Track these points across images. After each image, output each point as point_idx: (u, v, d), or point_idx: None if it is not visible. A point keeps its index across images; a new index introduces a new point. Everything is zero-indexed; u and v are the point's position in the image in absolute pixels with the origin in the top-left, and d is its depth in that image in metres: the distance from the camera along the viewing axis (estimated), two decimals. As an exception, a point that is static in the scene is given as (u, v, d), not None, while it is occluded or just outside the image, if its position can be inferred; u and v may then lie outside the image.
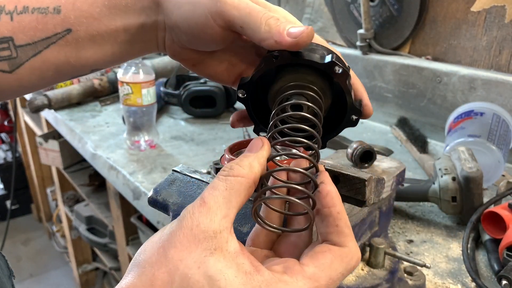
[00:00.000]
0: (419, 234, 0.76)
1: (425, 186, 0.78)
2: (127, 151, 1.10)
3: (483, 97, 1.02)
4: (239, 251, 0.30)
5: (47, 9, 0.44)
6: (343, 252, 0.32)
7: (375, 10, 1.22)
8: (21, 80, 0.47)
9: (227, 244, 0.30)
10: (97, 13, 0.44)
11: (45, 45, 0.45)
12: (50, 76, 0.48)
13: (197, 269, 0.29)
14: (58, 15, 0.44)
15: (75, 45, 0.45)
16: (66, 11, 0.44)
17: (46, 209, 2.83)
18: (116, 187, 1.07)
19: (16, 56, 0.45)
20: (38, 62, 0.46)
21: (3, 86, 0.47)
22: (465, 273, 0.65)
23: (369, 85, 1.28)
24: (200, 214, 0.30)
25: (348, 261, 0.32)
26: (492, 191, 0.86)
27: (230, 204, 0.31)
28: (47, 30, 0.44)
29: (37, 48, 0.45)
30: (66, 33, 0.45)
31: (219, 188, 0.31)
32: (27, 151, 2.63)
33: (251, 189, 0.33)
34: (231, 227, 0.31)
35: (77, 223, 1.92)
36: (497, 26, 1.01)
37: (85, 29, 0.44)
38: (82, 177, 1.84)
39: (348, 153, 0.51)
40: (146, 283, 0.29)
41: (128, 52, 0.48)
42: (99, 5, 0.44)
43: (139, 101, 1.06)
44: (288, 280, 0.29)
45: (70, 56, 0.46)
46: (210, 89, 1.28)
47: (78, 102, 1.45)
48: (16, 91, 0.49)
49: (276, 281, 0.29)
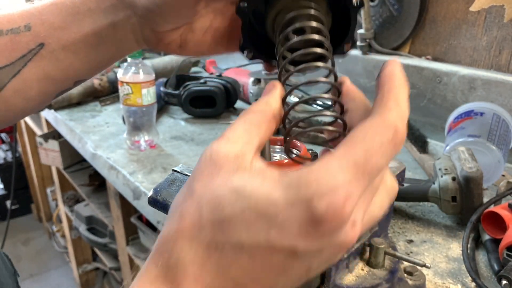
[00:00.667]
0: (419, 234, 0.76)
1: (425, 186, 0.78)
2: (127, 151, 1.10)
3: (483, 97, 1.02)
4: (265, 167, 0.27)
5: (18, 28, 0.45)
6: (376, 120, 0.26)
7: (375, 10, 1.22)
8: (6, 102, 0.47)
9: (252, 164, 0.27)
10: (63, 22, 0.44)
11: (23, 64, 0.45)
12: (35, 95, 0.48)
13: (222, 187, 0.26)
14: (29, 32, 0.45)
15: (51, 58, 0.46)
16: (35, 26, 0.45)
17: (46, 209, 2.83)
18: (116, 187, 1.07)
19: None
20: (19, 82, 0.46)
21: None
22: (465, 273, 0.65)
23: (369, 85, 1.28)
24: (219, 144, 0.28)
25: (385, 127, 0.26)
26: (492, 191, 0.86)
27: (251, 134, 0.29)
28: (21, 48, 0.45)
29: (15, 68, 0.45)
30: (40, 48, 0.45)
31: (238, 123, 0.29)
32: (27, 151, 2.63)
33: (271, 124, 0.31)
34: (255, 152, 0.28)
35: (77, 223, 1.92)
36: (497, 26, 1.01)
37: (56, 40, 0.45)
38: (82, 177, 1.84)
39: (348, 153, 0.51)
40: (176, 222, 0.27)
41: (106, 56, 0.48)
42: (64, 14, 0.44)
43: (139, 101, 1.06)
44: (319, 168, 0.25)
45: (49, 71, 0.46)
46: (210, 89, 1.28)
47: (78, 102, 1.45)
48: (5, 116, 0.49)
49: (306, 173, 0.25)
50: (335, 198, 0.24)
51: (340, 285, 0.52)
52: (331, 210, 0.24)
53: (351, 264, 0.55)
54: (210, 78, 1.35)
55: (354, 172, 0.24)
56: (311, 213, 0.24)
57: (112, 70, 1.54)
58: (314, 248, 0.25)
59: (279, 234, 0.25)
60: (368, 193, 0.26)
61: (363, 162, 0.25)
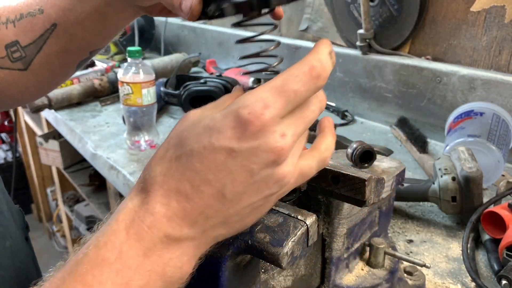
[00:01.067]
0: (419, 234, 0.76)
1: (425, 186, 0.78)
2: (127, 151, 1.10)
3: (483, 97, 1.02)
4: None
5: (34, 12, 0.53)
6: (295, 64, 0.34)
7: (375, 10, 1.22)
8: (36, 74, 0.57)
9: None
10: (69, 4, 0.52)
11: (42, 41, 0.54)
12: (58, 67, 0.58)
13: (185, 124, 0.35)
14: (43, 14, 0.53)
15: (64, 34, 0.53)
16: (47, 9, 0.53)
17: (46, 209, 2.83)
18: (116, 187, 1.07)
19: (25, 55, 0.55)
20: (43, 57, 0.55)
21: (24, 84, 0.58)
22: (465, 273, 0.66)
23: (369, 85, 1.28)
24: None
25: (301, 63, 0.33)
26: (492, 191, 0.86)
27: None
28: (39, 29, 0.53)
29: (38, 45, 0.54)
30: (53, 28, 0.53)
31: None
32: (27, 151, 2.63)
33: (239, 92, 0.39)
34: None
35: (77, 223, 1.92)
36: (497, 26, 1.01)
37: (66, 20, 0.52)
38: (82, 177, 1.85)
39: (348, 153, 0.51)
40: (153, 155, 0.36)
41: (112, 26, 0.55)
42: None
43: (139, 101, 1.06)
44: (246, 93, 0.33)
45: (65, 45, 0.55)
46: (210, 89, 1.28)
47: (78, 102, 1.45)
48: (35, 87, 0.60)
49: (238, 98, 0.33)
50: (255, 106, 0.32)
51: (340, 285, 0.52)
52: (252, 114, 0.31)
53: (351, 264, 0.55)
54: (210, 78, 1.35)
55: (272, 91, 0.32)
56: (238, 119, 0.32)
57: (112, 70, 1.54)
58: (247, 146, 0.32)
59: (217, 137, 0.32)
60: (294, 118, 0.34)
61: (279, 84, 0.32)
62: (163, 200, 0.33)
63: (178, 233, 0.33)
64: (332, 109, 1.36)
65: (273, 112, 0.32)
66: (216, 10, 0.36)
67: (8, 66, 0.56)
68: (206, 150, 0.32)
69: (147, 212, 0.33)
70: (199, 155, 0.33)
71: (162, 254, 0.33)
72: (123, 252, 0.32)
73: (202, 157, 0.32)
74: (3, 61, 0.55)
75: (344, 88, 1.35)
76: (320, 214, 0.49)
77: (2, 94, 0.58)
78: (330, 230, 0.50)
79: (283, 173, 0.33)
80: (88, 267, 0.31)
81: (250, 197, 0.34)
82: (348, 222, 0.50)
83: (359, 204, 0.44)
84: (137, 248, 0.32)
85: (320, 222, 0.49)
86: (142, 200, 0.34)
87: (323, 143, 0.38)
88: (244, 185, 0.33)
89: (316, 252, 0.51)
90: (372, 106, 1.29)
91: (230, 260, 0.39)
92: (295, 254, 0.38)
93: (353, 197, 0.44)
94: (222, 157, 0.32)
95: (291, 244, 0.37)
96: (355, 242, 0.54)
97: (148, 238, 0.33)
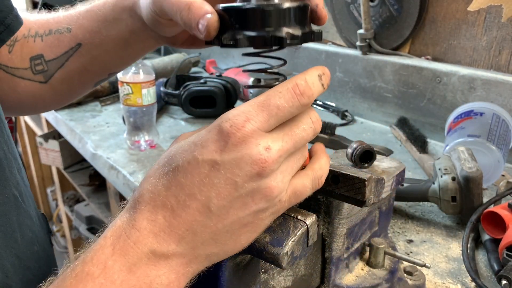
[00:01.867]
0: (419, 234, 0.76)
1: (425, 186, 0.78)
2: (127, 151, 1.10)
3: (483, 97, 1.02)
4: None
5: (62, 29, 0.56)
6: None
7: (375, 10, 1.22)
8: (54, 89, 0.59)
9: None
10: (95, 27, 0.54)
11: (66, 58, 0.57)
12: (76, 84, 0.60)
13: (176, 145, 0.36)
14: (70, 33, 0.56)
15: (87, 55, 0.56)
16: (75, 29, 0.56)
17: (46, 209, 2.83)
18: (116, 187, 1.08)
19: (47, 69, 0.58)
20: (64, 72, 0.58)
21: (42, 96, 0.60)
22: (465, 273, 0.66)
23: (369, 85, 1.28)
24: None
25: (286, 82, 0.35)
26: (492, 191, 0.86)
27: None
28: (64, 46, 0.56)
29: (60, 61, 0.57)
30: (78, 47, 0.56)
31: None
32: (27, 151, 2.63)
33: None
34: None
35: (77, 223, 1.92)
36: (497, 26, 1.01)
37: (91, 41, 0.55)
38: (82, 177, 1.85)
39: (348, 153, 0.51)
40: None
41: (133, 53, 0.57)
42: (95, 21, 0.54)
43: (139, 101, 1.06)
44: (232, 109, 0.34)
45: (86, 65, 0.57)
46: (210, 89, 1.28)
47: (78, 102, 1.45)
48: (52, 99, 0.62)
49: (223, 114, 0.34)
50: (236, 119, 0.33)
51: (340, 284, 0.52)
52: (234, 127, 0.32)
53: (351, 264, 0.55)
54: (210, 78, 1.35)
55: (255, 106, 0.33)
56: (220, 132, 0.33)
57: (112, 70, 1.54)
58: (229, 158, 0.32)
59: (201, 151, 0.33)
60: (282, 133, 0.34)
61: (263, 100, 0.34)
62: (150, 216, 0.33)
63: (164, 248, 0.33)
64: (332, 109, 1.36)
65: (255, 124, 0.33)
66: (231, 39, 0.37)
67: (30, 77, 0.58)
68: (190, 164, 0.33)
69: (133, 228, 0.33)
70: (184, 170, 0.33)
71: (149, 271, 0.33)
72: (107, 267, 0.32)
73: (187, 172, 0.33)
74: (25, 72, 0.58)
75: (344, 88, 1.35)
76: (320, 214, 0.49)
77: (20, 102, 0.60)
78: (330, 230, 0.50)
79: (269, 187, 0.33)
80: (73, 281, 0.31)
81: (237, 211, 0.33)
82: (348, 222, 0.50)
83: (359, 204, 0.44)
84: (121, 263, 0.32)
85: (320, 222, 0.49)
86: (130, 217, 0.34)
87: (317, 163, 0.39)
88: (229, 198, 0.33)
89: (316, 252, 0.51)
90: (372, 106, 1.29)
91: (230, 260, 0.39)
92: (295, 254, 0.38)
93: (353, 197, 0.44)
94: (206, 170, 0.33)
95: (291, 244, 0.37)
96: (355, 242, 0.54)
97: (133, 253, 0.33)
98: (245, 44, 0.37)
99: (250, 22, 0.37)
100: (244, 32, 0.37)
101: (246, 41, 0.37)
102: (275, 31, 0.36)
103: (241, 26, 0.37)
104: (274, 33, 0.36)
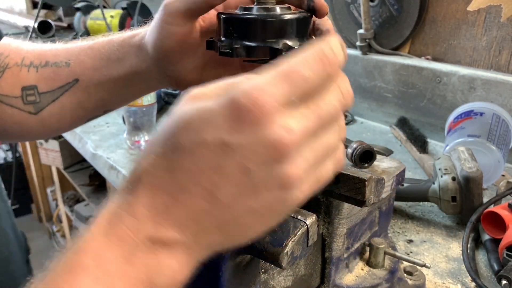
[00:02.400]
0: (419, 234, 0.76)
1: (425, 186, 0.78)
2: (127, 151, 1.10)
3: (483, 97, 1.02)
4: None
5: (61, 63, 0.54)
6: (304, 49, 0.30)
7: (375, 10, 1.22)
8: (43, 121, 0.57)
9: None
10: (96, 65, 0.53)
11: (61, 93, 0.55)
12: (68, 119, 0.58)
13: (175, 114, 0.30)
14: (68, 68, 0.54)
15: (84, 91, 0.54)
16: (74, 64, 0.54)
17: (46, 209, 2.83)
18: (116, 187, 1.07)
19: (39, 101, 0.55)
20: (56, 107, 0.56)
21: (29, 126, 0.57)
22: (465, 273, 0.66)
23: (369, 85, 1.28)
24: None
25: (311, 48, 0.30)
26: (492, 191, 0.86)
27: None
28: (61, 80, 0.54)
29: (54, 95, 0.55)
30: (75, 82, 0.54)
31: None
32: (27, 151, 2.63)
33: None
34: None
35: (77, 223, 1.92)
36: (497, 26, 1.01)
37: (89, 78, 0.53)
38: (82, 177, 1.85)
39: (348, 153, 0.51)
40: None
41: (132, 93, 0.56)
42: (97, 58, 0.53)
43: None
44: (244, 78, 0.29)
45: (82, 101, 0.55)
46: (210, 89, 1.28)
47: (78, 102, 1.45)
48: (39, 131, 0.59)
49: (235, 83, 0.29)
50: (254, 91, 0.27)
51: (340, 284, 0.52)
52: (251, 101, 0.26)
53: (351, 264, 0.55)
54: (210, 78, 1.35)
55: (274, 76, 0.27)
56: (233, 107, 0.27)
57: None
58: (242, 139, 0.27)
59: (209, 130, 0.28)
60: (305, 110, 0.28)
61: (285, 69, 0.28)
62: (148, 202, 0.30)
63: (164, 236, 0.29)
64: (332, 109, 1.36)
65: (275, 99, 0.27)
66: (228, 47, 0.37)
67: (19, 106, 0.56)
68: (196, 145, 0.28)
69: (129, 214, 0.30)
70: (188, 152, 0.28)
71: (148, 260, 0.29)
72: (102, 258, 0.29)
73: (192, 154, 0.28)
74: (16, 100, 0.56)
75: (344, 88, 1.35)
76: (320, 214, 0.49)
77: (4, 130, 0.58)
78: (330, 230, 0.50)
79: (287, 176, 0.28)
80: (66, 276, 0.28)
81: (247, 200, 0.29)
82: (348, 222, 0.50)
83: (359, 204, 0.44)
84: (118, 252, 0.29)
85: (320, 222, 0.49)
86: (125, 202, 0.30)
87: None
88: (238, 186, 0.28)
89: (316, 252, 0.51)
90: (372, 106, 1.29)
91: (230, 260, 0.39)
92: (295, 254, 0.38)
93: (353, 197, 0.44)
94: (214, 153, 0.28)
95: (291, 244, 0.37)
96: (355, 242, 0.54)
97: (131, 241, 0.29)
98: (242, 53, 0.37)
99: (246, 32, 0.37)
100: (242, 42, 0.37)
101: (243, 51, 0.37)
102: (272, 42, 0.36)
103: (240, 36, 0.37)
104: (271, 45, 0.36)
